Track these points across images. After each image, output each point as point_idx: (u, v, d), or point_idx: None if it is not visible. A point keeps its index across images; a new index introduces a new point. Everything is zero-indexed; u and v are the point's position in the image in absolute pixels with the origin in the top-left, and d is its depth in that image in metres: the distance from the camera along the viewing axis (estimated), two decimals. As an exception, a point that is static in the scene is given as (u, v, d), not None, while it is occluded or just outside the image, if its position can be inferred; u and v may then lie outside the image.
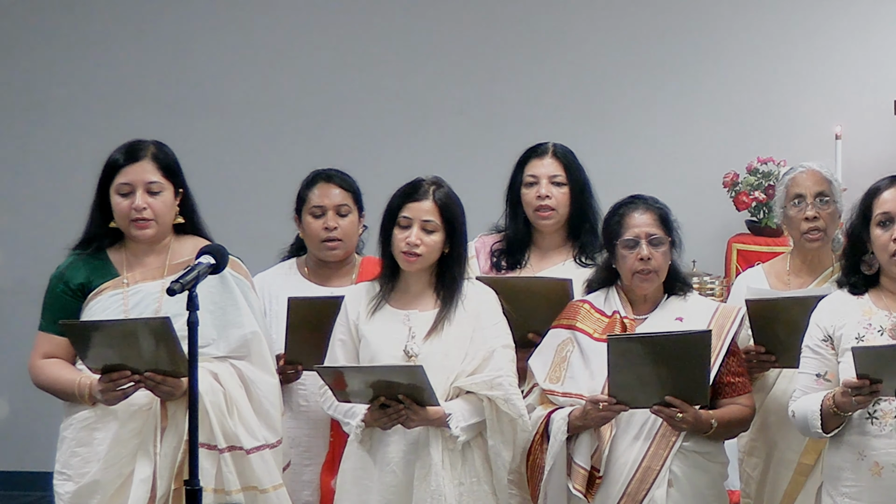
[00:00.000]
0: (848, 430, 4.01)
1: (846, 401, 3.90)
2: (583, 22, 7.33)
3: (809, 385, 4.09)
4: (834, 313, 4.09)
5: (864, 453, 3.97)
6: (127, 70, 7.57)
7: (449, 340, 4.33)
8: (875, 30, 7.09)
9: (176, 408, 4.15)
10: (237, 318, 4.26)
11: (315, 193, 4.82)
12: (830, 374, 4.05)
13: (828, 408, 3.96)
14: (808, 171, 4.71)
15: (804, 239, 4.66)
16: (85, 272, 4.28)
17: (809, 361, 4.11)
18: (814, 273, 4.72)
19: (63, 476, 4.21)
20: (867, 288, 4.11)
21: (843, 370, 3.98)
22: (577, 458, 4.29)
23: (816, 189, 4.66)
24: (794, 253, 4.77)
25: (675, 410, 4.15)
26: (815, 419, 4.00)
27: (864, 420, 3.97)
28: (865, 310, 4.07)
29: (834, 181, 4.73)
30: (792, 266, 4.76)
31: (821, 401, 3.99)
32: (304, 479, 4.73)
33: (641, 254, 4.36)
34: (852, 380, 3.86)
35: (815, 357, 4.09)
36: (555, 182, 4.87)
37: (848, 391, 3.87)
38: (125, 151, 4.30)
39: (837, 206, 4.69)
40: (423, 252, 4.34)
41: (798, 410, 4.08)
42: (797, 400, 4.10)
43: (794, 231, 4.70)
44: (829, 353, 4.07)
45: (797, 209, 4.66)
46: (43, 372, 4.28)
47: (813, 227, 4.64)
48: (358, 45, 7.47)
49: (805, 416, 4.03)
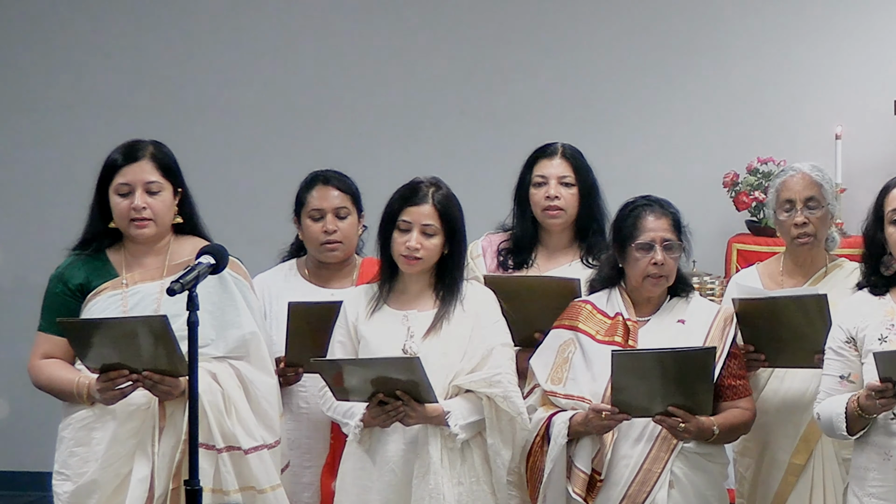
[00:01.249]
0: (873, 431, 4.01)
1: (870, 404, 3.90)
2: (583, 22, 7.33)
3: (833, 387, 4.09)
4: (856, 314, 4.09)
5: (889, 453, 3.97)
6: (127, 70, 7.57)
7: (448, 339, 4.33)
8: (875, 30, 7.08)
9: (174, 407, 4.15)
10: (236, 319, 4.26)
11: (313, 196, 4.81)
12: (854, 375, 4.05)
13: (852, 410, 3.96)
14: (799, 174, 4.71)
15: (794, 243, 4.68)
16: (84, 273, 4.28)
17: (833, 363, 4.10)
18: (807, 274, 4.72)
19: (61, 476, 4.20)
20: (888, 288, 4.11)
21: (866, 371, 3.98)
22: (578, 461, 4.28)
23: (806, 194, 4.66)
24: (787, 254, 4.78)
25: (678, 420, 4.14)
26: (840, 422, 3.99)
27: (889, 421, 3.98)
28: (888, 310, 4.07)
29: (825, 183, 4.73)
30: (785, 267, 4.77)
31: (845, 403, 3.98)
32: (304, 481, 4.73)
33: (656, 258, 4.34)
34: (875, 383, 3.86)
35: (838, 359, 4.09)
36: (564, 183, 4.87)
37: (871, 394, 3.87)
38: (124, 151, 4.30)
39: (829, 207, 4.70)
40: (424, 256, 4.35)
41: (823, 413, 4.07)
42: (821, 402, 4.10)
43: (785, 235, 4.72)
44: (853, 354, 4.07)
45: (787, 215, 4.67)
46: (42, 372, 4.28)
47: (802, 232, 4.65)
48: (358, 45, 7.46)
49: (830, 419, 4.03)
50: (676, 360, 4.12)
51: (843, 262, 4.74)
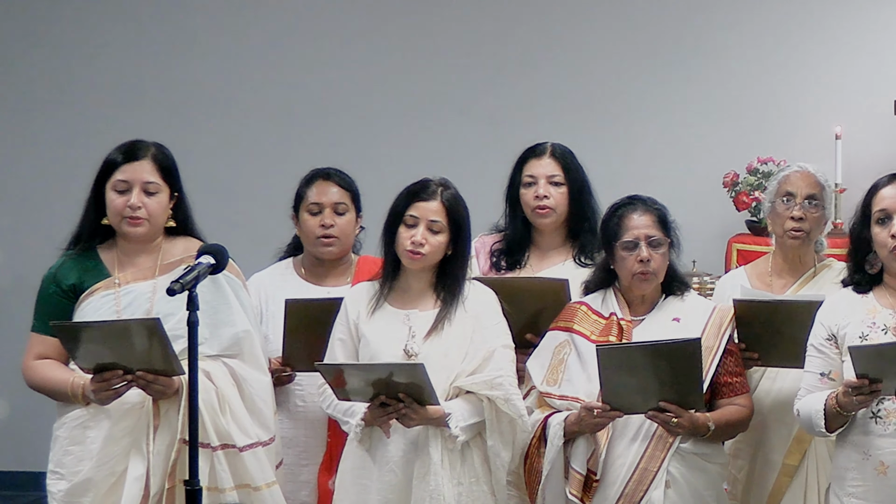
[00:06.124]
0: (852, 430, 4.01)
1: (848, 400, 3.90)
2: (584, 22, 7.33)
3: (814, 384, 4.09)
4: (838, 312, 4.09)
5: (868, 453, 3.97)
6: (127, 70, 7.57)
7: (449, 340, 4.33)
8: (875, 30, 7.09)
9: (168, 406, 4.15)
10: (229, 317, 4.26)
11: (313, 191, 4.82)
12: (835, 373, 4.05)
13: (831, 407, 3.96)
14: (803, 172, 4.73)
15: (786, 235, 4.67)
16: (77, 273, 4.28)
17: (814, 360, 4.11)
18: (796, 274, 4.72)
19: (56, 475, 4.21)
20: (871, 287, 4.11)
21: (847, 369, 3.97)
22: (574, 462, 4.27)
23: (808, 191, 4.67)
24: (777, 253, 4.78)
25: (670, 416, 4.13)
26: (818, 418, 4.00)
27: (867, 419, 3.98)
28: (869, 308, 4.07)
29: (826, 186, 4.74)
30: (774, 266, 4.76)
31: (824, 400, 3.99)
32: (301, 479, 4.74)
33: (641, 255, 4.34)
34: (852, 380, 3.86)
35: (819, 356, 4.10)
36: (553, 182, 4.86)
37: (849, 391, 3.88)
38: (125, 150, 4.31)
39: (825, 211, 4.71)
40: (428, 251, 4.34)
41: (802, 409, 4.08)
42: (802, 399, 4.10)
43: (778, 227, 4.70)
44: (834, 352, 4.07)
45: (785, 206, 4.67)
46: (36, 373, 4.29)
47: (797, 227, 4.65)
48: (358, 44, 7.46)
49: (809, 416, 4.04)
50: (661, 353, 4.10)
51: (833, 263, 4.74)
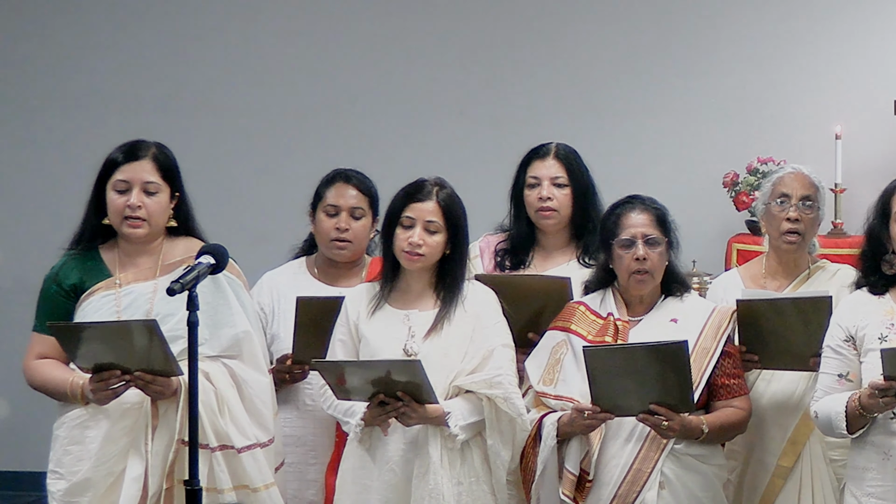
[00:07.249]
0: (872, 431, 4.00)
1: (873, 402, 3.89)
2: (584, 22, 7.33)
3: (831, 385, 4.08)
4: (855, 313, 4.09)
5: (889, 453, 3.97)
6: (127, 70, 7.57)
7: (449, 340, 4.33)
8: (875, 30, 7.08)
9: (167, 406, 4.16)
10: (229, 318, 4.27)
11: (332, 192, 4.81)
12: (853, 374, 4.05)
13: (853, 409, 3.95)
14: (798, 173, 4.71)
15: (782, 239, 4.66)
16: (78, 273, 4.29)
17: (831, 362, 4.10)
18: (790, 276, 4.71)
19: (55, 475, 4.21)
20: (888, 288, 4.10)
21: (865, 370, 3.98)
22: (567, 462, 4.26)
23: (803, 192, 4.66)
24: (770, 255, 4.76)
25: (661, 418, 4.12)
26: (839, 420, 3.98)
27: (888, 420, 3.98)
28: (887, 310, 4.06)
29: (821, 188, 4.73)
30: (768, 268, 4.75)
31: (845, 402, 3.98)
32: (308, 478, 4.74)
33: (637, 254, 4.34)
34: (879, 382, 3.85)
35: (836, 357, 4.09)
36: (556, 183, 4.86)
37: (875, 393, 3.86)
38: (126, 149, 4.31)
39: (820, 213, 4.70)
40: (426, 252, 4.35)
41: (821, 411, 4.06)
42: (819, 401, 4.09)
43: (773, 229, 4.69)
44: (852, 353, 4.06)
45: (780, 208, 4.66)
46: (36, 372, 4.29)
47: (793, 228, 4.63)
48: (358, 45, 7.46)
49: (829, 417, 4.02)
50: (648, 355, 4.09)
51: (826, 264, 4.73)
